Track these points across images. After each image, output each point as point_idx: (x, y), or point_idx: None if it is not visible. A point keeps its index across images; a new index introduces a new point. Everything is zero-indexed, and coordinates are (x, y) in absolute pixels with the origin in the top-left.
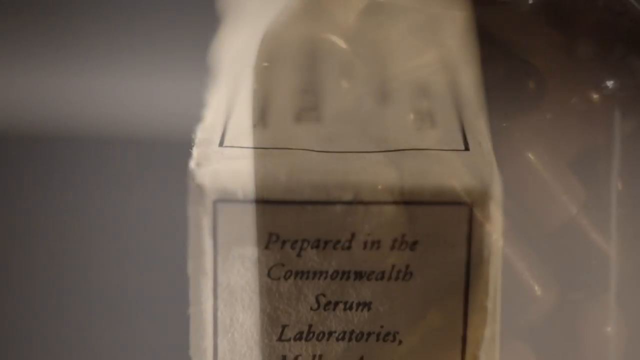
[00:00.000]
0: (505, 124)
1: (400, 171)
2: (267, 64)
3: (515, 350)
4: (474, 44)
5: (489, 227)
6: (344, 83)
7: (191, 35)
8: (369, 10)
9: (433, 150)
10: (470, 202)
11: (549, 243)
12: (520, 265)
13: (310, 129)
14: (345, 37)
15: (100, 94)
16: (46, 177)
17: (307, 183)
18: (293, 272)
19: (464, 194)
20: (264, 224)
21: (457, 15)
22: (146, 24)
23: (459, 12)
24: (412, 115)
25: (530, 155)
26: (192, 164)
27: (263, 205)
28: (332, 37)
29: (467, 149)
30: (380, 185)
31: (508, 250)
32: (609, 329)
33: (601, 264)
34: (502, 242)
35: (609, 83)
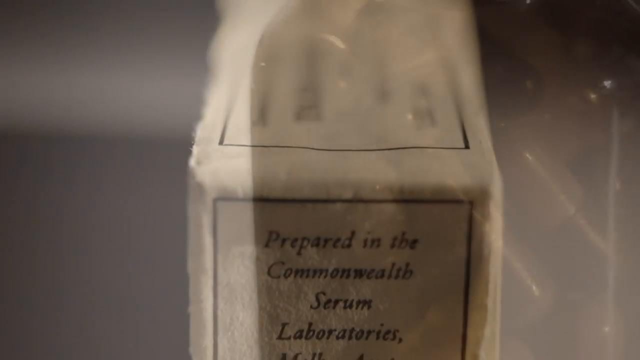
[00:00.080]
0: (503, 124)
1: (400, 169)
2: (264, 64)
3: (514, 350)
4: (473, 43)
5: (489, 225)
6: (344, 82)
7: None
8: (369, 9)
9: (433, 148)
10: (471, 201)
11: (547, 243)
12: (518, 265)
13: (310, 127)
14: (344, 36)
15: (100, 93)
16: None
17: (307, 181)
18: (293, 270)
19: (464, 192)
20: (264, 222)
21: (457, 14)
22: (146, 23)
23: (458, 11)
24: (412, 113)
25: (528, 155)
26: (192, 162)
27: (263, 203)
28: (331, 36)
29: (467, 147)
30: (380, 183)
31: (506, 250)
32: (606, 329)
33: (599, 264)
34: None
35: (607, 83)
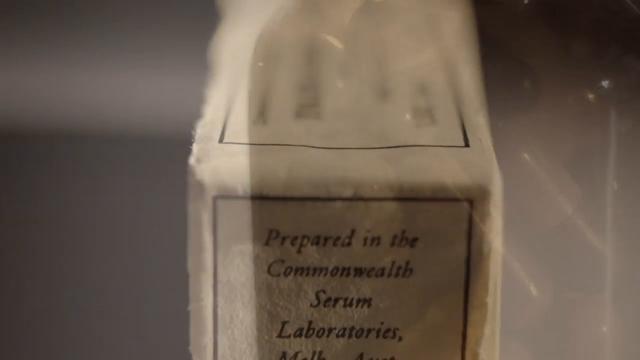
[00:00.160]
0: (500, 124)
1: (400, 168)
2: (262, 64)
3: (511, 350)
4: (473, 42)
5: (489, 223)
6: (344, 80)
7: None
8: (368, 9)
9: (433, 146)
10: (471, 199)
11: (544, 243)
12: (516, 265)
13: (310, 125)
14: (344, 35)
15: (100, 91)
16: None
17: (307, 179)
18: (293, 268)
19: (464, 190)
20: (264, 220)
21: (456, 13)
22: (146, 21)
23: (457, 10)
24: (412, 112)
25: (526, 155)
26: (192, 160)
27: (263, 201)
28: (331, 35)
29: (467, 146)
30: (380, 181)
31: (504, 250)
32: (604, 329)
33: (597, 264)
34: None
35: (605, 83)
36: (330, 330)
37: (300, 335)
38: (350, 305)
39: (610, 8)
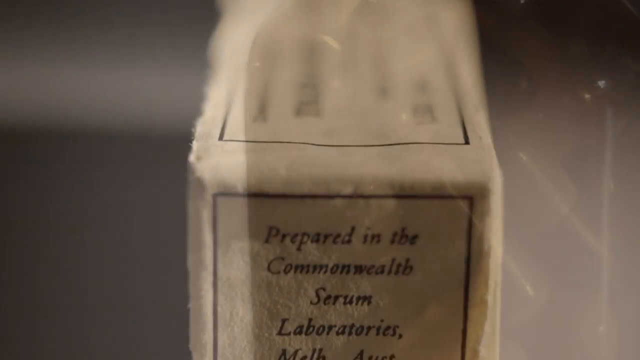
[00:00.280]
0: (497, 123)
1: (400, 165)
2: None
3: (508, 349)
4: (473, 39)
5: (489, 221)
6: (343, 78)
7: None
8: (368, 8)
9: (433, 144)
10: (471, 196)
11: (541, 243)
12: (513, 265)
13: (310, 122)
14: (345, 33)
15: (99, 89)
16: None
17: (307, 176)
18: (293, 265)
19: (464, 187)
20: (264, 217)
21: (456, 12)
22: (146, 18)
23: (457, 9)
24: (412, 109)
25: (522, 154)
26: (192, 158)
27: (263, 198)
28: (332, 32)
29: (467, 143)
30: (381, 179)
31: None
32: (601, 329)
33: (593, 264)
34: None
35: (601, 82)
36: (330, 327)
37: (300, 333)
38: (350, 302)
39: (606, 8)
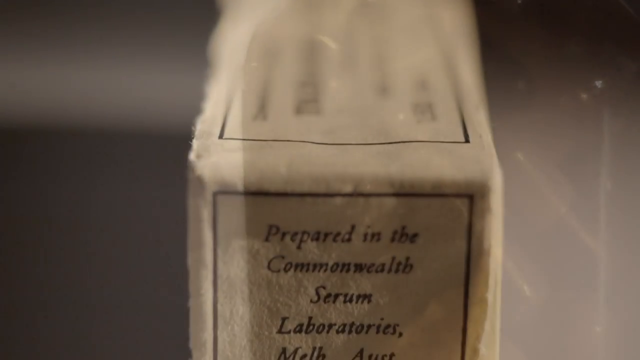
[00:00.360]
0: (494, 124)
1: (400, 163)
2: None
3: (505, 349)
4: (473, 38)
5: (489, 219)
6: (343, 76)
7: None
8: (368, 7)
9: (433, 142)
10: (471, 194)
11: (538, 243)
12: (510, 265)
13: (310, 121)
14: (345, 31)
15: (99, 87)
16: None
17: (307, 175)
18: (293, 264)
19: (465, 186)
20: (264, 216)
21: (456, 11)
22: (146, 16)
23: (457, 8)
24: (412, 107)
25: (520, 154)
26: (192, 156)
27: (263, 197)
28: (332, 31)
29: (467, 141)
30: (381, 177)
31: None
32: (598, 329)
33: (590, 264)
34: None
35: (598, 83)
36: (330, 326)
37: (300, 331)
38: (350, 301)
39: (604, 8)
